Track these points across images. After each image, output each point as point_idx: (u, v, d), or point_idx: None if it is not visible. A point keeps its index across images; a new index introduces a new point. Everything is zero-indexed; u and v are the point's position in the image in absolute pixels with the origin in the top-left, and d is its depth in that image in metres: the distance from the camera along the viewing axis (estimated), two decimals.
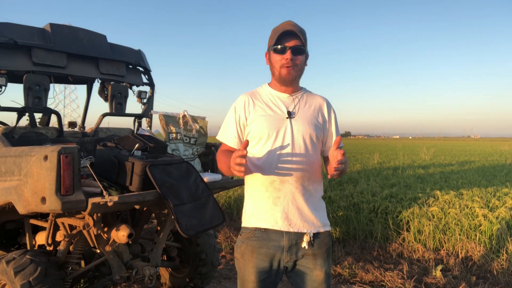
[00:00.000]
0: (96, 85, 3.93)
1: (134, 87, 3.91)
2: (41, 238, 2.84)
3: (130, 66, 3.83)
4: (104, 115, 3.69)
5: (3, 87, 2.84)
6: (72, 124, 4.06)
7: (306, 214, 1.69)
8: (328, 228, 1.76)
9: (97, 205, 2.17)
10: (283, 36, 1.68)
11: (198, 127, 3.39)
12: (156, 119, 3.35)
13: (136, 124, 3.97)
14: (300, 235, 1.68)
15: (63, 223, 2.58)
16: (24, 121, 3.17)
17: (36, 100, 2.97)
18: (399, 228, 5.05)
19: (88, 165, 2.50)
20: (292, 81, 1.72)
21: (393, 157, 17.73)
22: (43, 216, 2.86)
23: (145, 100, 3.89)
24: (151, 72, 4.00)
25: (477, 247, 4.41)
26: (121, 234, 2.52)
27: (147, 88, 3.98)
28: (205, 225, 2.50)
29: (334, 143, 1.56)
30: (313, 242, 1.69)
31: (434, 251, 4.61)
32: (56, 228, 2.66)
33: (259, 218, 1.70)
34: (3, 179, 2.39)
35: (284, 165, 1.67)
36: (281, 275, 1.74)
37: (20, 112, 3.03)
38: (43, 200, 2.12)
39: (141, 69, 3.95)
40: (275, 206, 1.68)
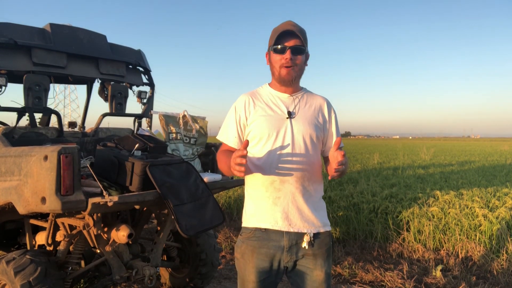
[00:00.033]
0: (96, 85, 3.93)
1: (134, 87, 3.91)
2: (41, 238, 2.84)
3: (130, 66, 3.83)
4: (104, 115, 3.69)
5: (3, 87, 2.84)
6: (72, 124, 4.06)
7: (306, 214, 1.69)
8: (328, 228, 1.75)
9: (97, 205, 2.17)
10: (283, 36, 1.67)
11: (198, 127, 3.39)
12: (156, 119, 3.36)
13: (136, 124, 3.97)
14: (300, 235, 1.68)
15: (63, 223, 2.58)
16: (24, 121, 3.17)
17: (36, 100, 2.97)
18: (399, 228, 5.05)
19: (88, 165, 2.50)
20: (292, 81, 1.72)
21: (393, 157, 17.74)
22: (43, 216, 2.86)
23: (145, 100, 3.89)
24: (151, 72, 4.00)
25: (477, 247, 4.41)
26: (121, 234, 2.52)
27: (147, 88, 3.98)
28: (205, 225, 2.50)
29: (334, 144, 1.56)
30: (313, 242, 1.69)
31: (434, 251, 4.61)
32: (56, 228, 2.66)
33: (259, 218, 1.70)
34: (3, 179, 2.39)
35: (284, 165, 1.67)
36: (281, 275, 1.74)
37: (20, 112, 3.03)
38: (43, 200, 2.12)
39: (141, 69, 3.95)
40: (275, 206, 1.68)
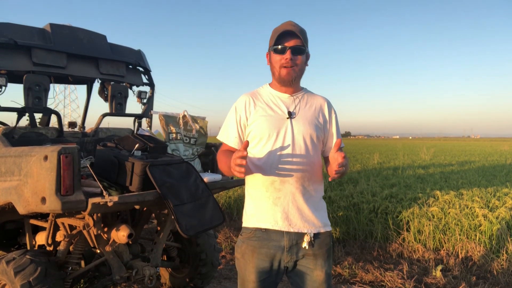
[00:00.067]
0: (96, 85, 3.93)
1: (134, 87, 3.90)
2: (41, 238, 2.84)
3: (130, 66, 3.83)
4: (104, 115, 3.69)
5: (3, 87, 2.84)
6: (72, 124, 4.05)
7: (307, 214, 1.69)
8: (328, 228, 1.75)
9: (97, 205, 2.17)
10: (283, 36, 1.67)
11: (198, 127, 3.39)
12: (156, 119, 3.35)
13: (136, 124, 3.97)
14: (300, 235, 1.68)
15: (63, 223, 2.58)
16: (24, 121, 3.17)
17: (36, 100, 2.97)
18: (399, 228, 5.05)
19: (88, 165, 2.50)
20: (292, 82, 1.72)
21: (393, 157, 17.73)
22: (43, 216, 2.86)
23: (145, 100, 3.89)
24: (151, 72, 4.00)
25: (477, 247, 4.41)
26: (121, 234, 2.52)
27: (147, 88, 3.98)
28: (205, 225, 2.50)
29: (335, 145, 1.56)
30: (314, 242, 1.69)
31: (434, 251, 4.61)
32: (56, 228, 2.66)
33: (259, 218, 1.70)
34: (3, 179, 2.39)
35: (285, 166, 1.67)
36: (281, 275, 1.74)
37: (20, 112, 3.03)
38: (43, 200, 2.12)
39: (141, 69, 3.95)
40: (275, 206, 1.68)
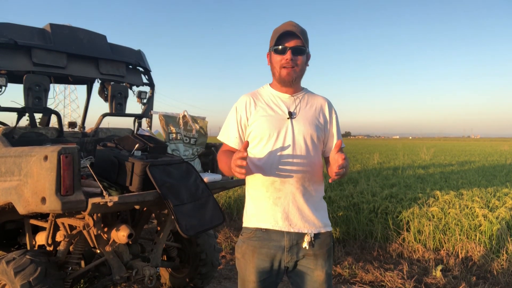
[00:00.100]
0: (96, 85, 3.93)
1: (134, 87, 3.90)
2: (41, 238, 2.84)
3: (130, 66, 3.83)
4: (104, 115, 3.69)
5: (3, 87, 2.84)
6: (72, 124, 4.05)
7: (307, 215, 1.69)
8: (329, 228, 1.75)
9: (97, 205, 2.17)
10: (284, 36, 1.67)
11: (198, 127, 3.39)
12: (156, 119, 3.36)
13: (136, 124, 3.97)
14: (300, 236, 1.68)
15: (63, 223, 2.58)
16: (24, 121, 3.17)
17: (36, 101, 2.97)
18: (399, 228, 5.05)
19: (88, 165, 2.50)
20: (292, 82, 1.72)
21: (393, 157, 17.73)
22: (43, 216, 2.86)
23: (145, 100, 3.89)
24: (151, 72, 4.00)
25: (477, 247, 4.41)
26: (121, 234, 2.52)
27: (147, 88, 3.98)
28: (205, 225, 2.50)
29: (335, 146, 1.56)
30: (314, 242, 1.69)
31: (434, 251, 4.61)
32: (56, 228, 2.66)
33: (259, 218, 1.70)
34: (3, 179, 2.39)
35: (285, 166, 1.67)
36: (281, 275, 1.74)
37: (20, 112, 3.03)
38: (43, 200, 2.12)
39: (141, 69, 3.95)
40: (276, 206, 1.68)
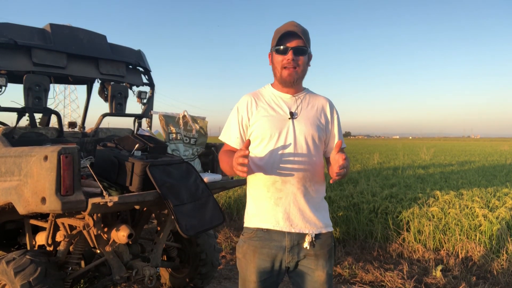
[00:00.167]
0: (96, 85, 3.93)
1: (134, 87, 3.90)
2: (41, 238, 2.84)
3: (130, 66, 3.83)
4: (104, 115, 3.69)
5: (3, 87, 2.84)
6: (72, 125, 4.05)
7: (308, 215, 1.69)
8: (330, 229, 1.75)
9: (97, 205, 2.16)
10: (285, 36, 1.67)
11: (198, 127, 3.39)
12: (156, 119, 3.36)
13: (136, 124, 3.97)
14: (302, 236, 1.68)
15: (63, 223, 2.58)
16: (24, 121, 3.17)
17: (36, 101, 2.97)
18: (399, 228, 5.05)
19: (88, 165, 2.50)
20: (293, 82, 1.72)
21: (393, 157, 17.73)
22: (43, 216, 2.85)
23: (145, 101, 3.89)
24: (151, 72, 4.00)
25: (477, 247, 4.41)
26: (121, 234, 2.52)
27: (147, 88, 3.98)
28: (205, 225, 2.50)
29: (335, 146, 1.56)
30: (315, 242, 1.69)
31: (434, 251, 4.61)
32: (56, 228, 2.66)
33: (260, 218, 1.70)
34: (3, 179, 2.39)
35: (286, 166, 1.67)
36: (282, 275, 1.74)
37: (20, 112, 3.03)
38: (43, 200, 2.12)
39: (141, 69, 3.95)
40: (277, 206, 1.67)
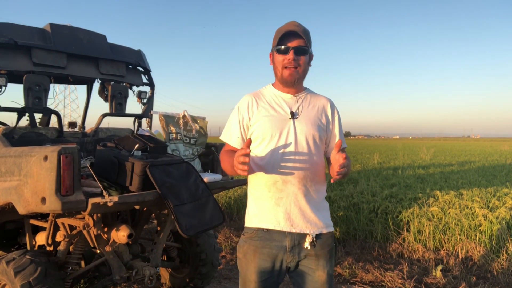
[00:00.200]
0: (96, 85, 3.93)
1: (134, 87, 3.90)
2: (41, 238, 2.84)
3: (130, 66, 3.83)
4: (104, 115, 3.69)
5: (3, 87, 2.84)
6: (72, 124, 4.05)
7: (309, 215, 1.68)
8: (331, 229, 1.75)
9: (97, 205, 2.16)
10: (286, 36, 1.67)
11: (198, 127, 3.39)
12: (156, 119, 3.36)
13: (136, 124, 3.97)
14: (302, 236, 1.68)
15: (63, 223, 2.58)
16: (24, 121, 3.17)
17: (36, 101, 2.97)
18: (399, 228, 5.05)
19: (88, 165, 2.50)
20: (294, 82, 1.72)
21: (393, 157, 17.72)
22: (43, 216, 2.85)
23: (145, 100, 3.89)
24: (151, 72, 4.00)
25: (477, 247, 4.41)
26: (121, 234, 2.52)
27: (147, 88, 3.98)
28: (205, 225, 2.50)
29: (335, 146, 1.56)
30: (316, 243, 1.69)
31: (434, 251, 4.61)
32: (56, 228, 2.66)
33: (261, 218, 1.70)
34: (3, 179, 2.39)
35: (287, 166, 1.67)
36: (283, 275, 1.74)
37: (20, 112, 3.03)
38: (43, 200, 2.12)
39: (141, 69, 3.95)
40: (278, 206, 1.67)
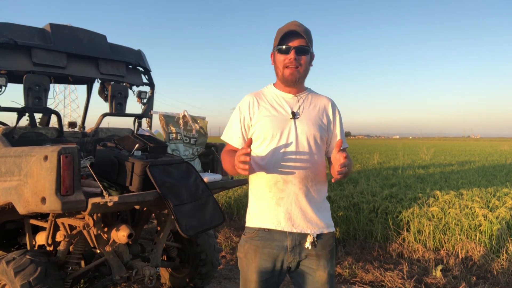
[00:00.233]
0: (96, 85, 3.93)
1: (134, 87, 3.90)
2: (41, 238, 2.84)
3: (130, 66, 3.83)
4: (104, 115, 3.69)
5: (3, 87, 2.84)
6: (72, 124, 4.05)
7: (310, 215, 1.68)
8: (332, 229, 1.75)
9: (97, 205, 2.16)
10: (288, 36, 1.67)
11: (198, 127, 3.39)
12: (156, 119, 3.35)
13: (136, 124, 3.97)
14: (303, 236, 1.68)
15: (63, 223, 2.58)
16: (24, 121, 3.17)
17: (36, 100, 2.97)
18: (399, 228, 5.05)
19: (88, 165, 2.50)
20: (295, 82, 1.72)
21: (393, 157, 17.72)
22: (43, 216, 2.85)
23: (145, 100, 3.89)
24: (151, 72, 4.00)
25: (477, 247, 4.41)
26: (121, 234, 2.52)
27: (147, 88, 3.98)
28: (205, 225, 2.50)
29: (336, 146, 1.56)
30: (317, 243, 1.68)
31: (434, 251, 4.61)
32: (56, 228, 2.66)
33: (262, 218, 1.70)
34: (3, 179, 2.39)
35: (288, 166, 1.67)
36: (284, 275, 1.74)
37: (20, 112, 3.03)
38: (43, 200, 2.12)
39: (141, 69, 3.95)
40: (278, 206, 1.67)
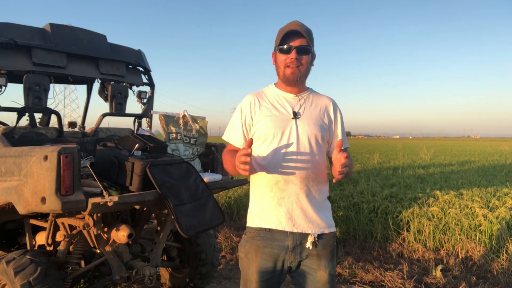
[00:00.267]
0: (96, 85, 3.93)
1: (134, 87, 3.90)
2: (41, 238, 2.84)
3: (130, 66, 3.83)
4: (104, 115, 3.69)
5: (3, 87, 2.84)
6: (72, 124, 4.05)
7: (311, 215, 1.68)
8: (333, 229, 1.75)
9: (97, 205, 2.16)
10: (289, 36, 1.68)
11: (198, 127, 3.39)
12: (156, 119, 3.36)
13: (136, 124, 3.96)
14: (304, 236, 1.68)
15: (63, 223, 2.58)
16: (24, 121, 3.17)
17: (36, 100, 2.97)
18: (399, 228, 5.05)
19: (88, 165, 2.50)
20: (297, 81, 1.72)
21: (393, 157, 17.72)
22: (43, 216, 2.86)
23: (145, 100, 3.89)
24: (151, 72, 4.00)
25: (477, 247, 4.41)
26: (121, 234, 2.52)
27: (147, 88, 3.98)
28: (205, 225, 2.50)
29: (336, 146, 1.56)
30: (317, 243, 1.68)
31: (434, 251, 4.61)
32: (56, 228, 2.66)
33: (263, 218, 1.70)
34: (3, 179, 2.39)
35: (289, 166, 1.66)
36: (284, 275, 1.74)
37: (20, 112, 3.03)
38: (43, 200, 2.12)
39: (141, 69, 3.95)
40: (279, 206, 1.67)
